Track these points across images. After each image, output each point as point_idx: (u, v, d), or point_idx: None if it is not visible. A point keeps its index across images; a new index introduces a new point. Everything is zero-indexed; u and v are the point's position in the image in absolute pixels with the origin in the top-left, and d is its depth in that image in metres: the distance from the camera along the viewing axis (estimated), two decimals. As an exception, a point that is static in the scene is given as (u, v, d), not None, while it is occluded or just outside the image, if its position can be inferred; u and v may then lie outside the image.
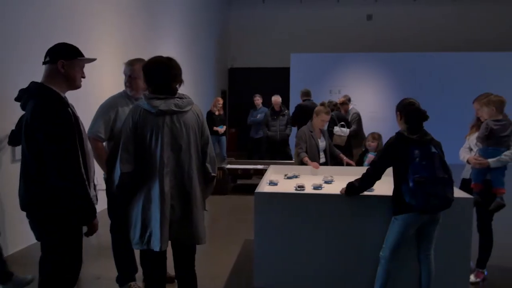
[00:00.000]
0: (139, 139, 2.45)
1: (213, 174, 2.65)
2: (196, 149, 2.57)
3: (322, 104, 5.22)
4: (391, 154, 2.89)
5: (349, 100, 8.04)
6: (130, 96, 3.08)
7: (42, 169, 2.14)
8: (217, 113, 8.78)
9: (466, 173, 3.84)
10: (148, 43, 7.53)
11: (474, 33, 13.79)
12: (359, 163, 4.91)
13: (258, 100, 9.13)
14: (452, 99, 11.51)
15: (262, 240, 3.16)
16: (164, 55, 2.60)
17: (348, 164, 4.85)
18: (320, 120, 4.91)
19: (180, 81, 2.57)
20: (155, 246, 2.43)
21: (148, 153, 2.45)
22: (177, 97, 2.52)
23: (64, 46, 2.31)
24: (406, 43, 13.64)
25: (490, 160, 3.49)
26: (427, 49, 12.88)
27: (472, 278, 3.67)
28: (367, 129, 8.10)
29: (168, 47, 8.37)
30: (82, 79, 2.34)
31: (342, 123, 6.72)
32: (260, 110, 9.02)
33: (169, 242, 2.52)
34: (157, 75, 2.50)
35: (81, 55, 2.32)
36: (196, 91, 10.02)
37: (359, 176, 3.03)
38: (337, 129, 6.66)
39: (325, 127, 5.25)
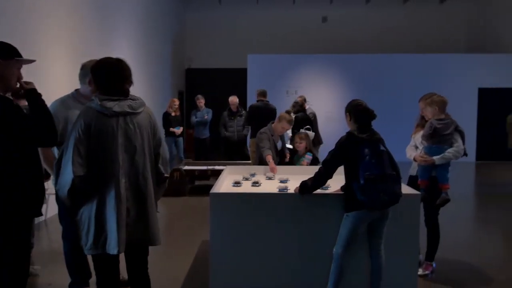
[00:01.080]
0: (92, 141, 2.39)
1: (165, 175, 2.66)
2: (150, 150, 2.55)
3: (288, 112, 5.13)
4: (342, 153, 2.98)
5: (305, 100, 8.20)
6: (80, 98, 3.00)
7: None
8: (173, 114, 8.69)
9: (413, 170, 4.01)
10: (101, 44, 7.34)
11: (425, 36, 14.42)
12: (291, 163, 4.96)
13: (201, 101, 9.08)
14: (403, 99, 11.96)
15: (218, 241, 3.15)
16: (119, 56, 2.57)
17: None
18: (281, 127, 4.86)
19: (131, 82, 2.54)
20: (112, 249, 2.38)
21: (102, 156, 2.40)
22: (130, 99, 2.48)
23: (1, 45, 2.22)
24: (360, 45, 14.04)
25: (435, 157, 3.67)
26: (380, 51, 13.32)
27: (421, 271, 3.85)
28: (323, 129, 8.32)
29: (122, 48, 8.19)
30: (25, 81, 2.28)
31: (308, 126, 6.78)
32: (204, 111, 9.02)
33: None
34: (108, 76, 2.45)
35: (19, 55, 2.24)
36: (152, 92, 9.87)
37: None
38: (302, 132, 6.76)
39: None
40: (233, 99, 8.28)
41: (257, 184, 3.86)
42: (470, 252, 4.72)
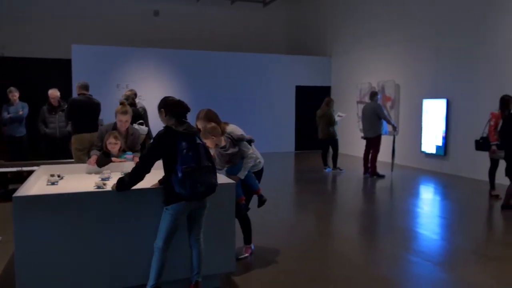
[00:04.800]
0: None
1: None
2: None
3: (122, 103, 4.79)
4: (161, 147, 3.03)
5: (135, 95, 8.00)
6: None
7: None
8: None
9: None
10: None
11: (250, 36, 15.45)
12: None
13: (14, 95, 8.15)
14: (230, 95, 12.66)
15: (24, 248, 2.86)
16: None
17: None
18: (118, 121, 4.59)
19: None
20: None
21: None
22: None
23: None
24: (192, 41, 14.32)
25: (239, 174, 3.98)
26: (211, 48, 13.80)
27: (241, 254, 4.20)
28: (154, 125, 8.25)
29: None
30: None
31: (141, 121, 6.59)
32: (18, 105, 8.14)
33: None
34: None
35: None
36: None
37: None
38: (135, 127, 6.54)
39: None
40: (54, 93, 7.59)
41: (55, 183, 3.61)
42: (288, 233, 5.31)
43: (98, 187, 3.38)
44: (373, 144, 9.07)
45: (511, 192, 6.18)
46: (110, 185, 3.29)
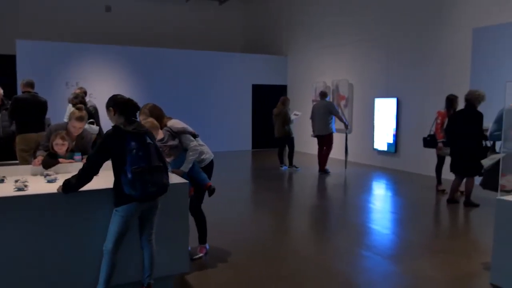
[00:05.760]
0: None
1: None
2: None
3: (79, 108, 4.41)
4: (108, 148, 2.93)
5: (85, 93, 7.74)
6: None
7: None
8: None
9: None
10: None
11: (206, 34, 15.32)
12: None
13: None
14: (185, 94, 12.51)
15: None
16: None
17: None
18: (72, 126, 4.29)
19: None
20: None
21: None
22: None
23: None
24: (144, 38, 14.02)
25: (182, 167, 3.92)
26: (164, 46, 13.55)
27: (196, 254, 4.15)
28: (106, 124, 7.99)
29: None
30: None
31: (91, 120, 6.35)
32: None
33: None
34: None
35: None
36: None
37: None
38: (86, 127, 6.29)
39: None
40: (-4, 90, 7.16)
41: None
42: (244, 231, 5.30)
43: (19, 189, 3.15)
44: (326, 142, 9.27)
45: (456, 187, 6.49)
46: (36, 188, 3.12)
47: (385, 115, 9.99)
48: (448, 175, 6.97)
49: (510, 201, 3.53)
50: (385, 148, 10.06)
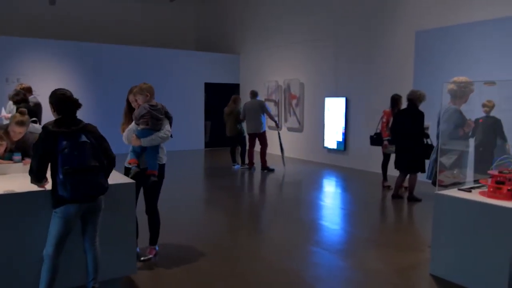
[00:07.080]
0: None
1: None
2: None
3: (21, 112, 4.15)
4: (41, 148, 2.79)
5: (29, 89, 7.38)
6: None
7: None
8: None
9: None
10: None
11: (158, 31, 15.02)
12: None
13: None
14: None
15: None
16: None
17: None
18: (12, 131, 4.03)
19: None
20: None
21: None
22: None
23: None
24: (93, 33, 13.54)
25: (142, 139, 3.83)
26: (114, 41, 13.17)
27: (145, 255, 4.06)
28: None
29: None
30: None
31: (34, 118, 6.00)
32: None
33: None
34: None
35: None
36: None
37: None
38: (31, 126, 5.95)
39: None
40: None
41: None
42: (195, 231, 5.24)
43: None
44: (261, 140, 9.43)
45: (400, 183, 6.77)
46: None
47: (334, 114, 10.24)
48: (393, 172, 7.26)
49: (447, 195, 3.72)
50: (334, 146, 10.32)
